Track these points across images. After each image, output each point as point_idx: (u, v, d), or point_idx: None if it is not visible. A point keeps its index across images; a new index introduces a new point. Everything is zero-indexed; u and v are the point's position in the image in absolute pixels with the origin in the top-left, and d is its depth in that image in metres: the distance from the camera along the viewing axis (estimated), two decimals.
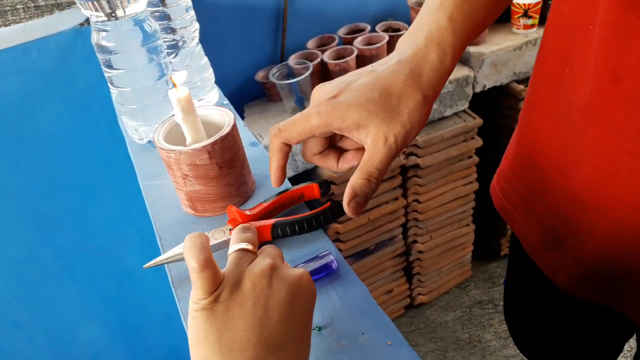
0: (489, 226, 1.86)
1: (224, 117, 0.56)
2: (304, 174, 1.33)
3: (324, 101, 0.44)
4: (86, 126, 1.15)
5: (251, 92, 1.44)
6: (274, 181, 0.49)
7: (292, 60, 1.35)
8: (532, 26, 1.42)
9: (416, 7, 1.41)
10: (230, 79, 1.40)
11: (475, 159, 1.55)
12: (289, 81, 1.25)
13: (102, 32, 0.63)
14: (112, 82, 0.67)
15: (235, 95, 1.41)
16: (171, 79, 0.52)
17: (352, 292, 0.46)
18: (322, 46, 1.41)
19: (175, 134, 0.56)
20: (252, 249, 0.38)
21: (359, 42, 1.35)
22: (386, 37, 1.33)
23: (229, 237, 0.50)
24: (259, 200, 0.57)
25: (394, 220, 1.54)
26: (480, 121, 1.46)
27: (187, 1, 0.73)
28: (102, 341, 1.40)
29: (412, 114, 0.43)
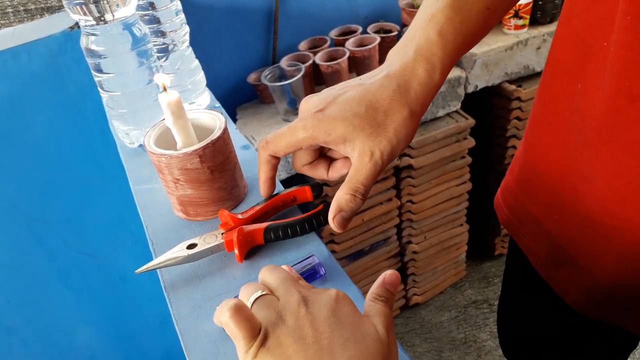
0: (482, 226, 1.87)
1: (215, 121, 0.56)
2: (298, 176, 1.33)
3: (311, 114, 0.44)
4: (78, 130, 1.14)
5: (243, 94, 1.44)
6: (263, 192, 0.51)
7: (284, 62, 1.35)
8: (522, 27, 1.43)
9: (407, 9, 1.42)
10: (222, 81, 1.40)
11: (468, 159, 1.55)
12: (281, 83, 1.25)
13: (91, 36, 0.62)
14: (102, 86, 0.67)
15: (227, 97, 1.41)
16: (162, 85, 0.52)
17: None
18: (314, 48, 1.41)
19: (166, 138, 0.56)
20: (267, 292, 0.37)
21: (350, 43, 1.35)
22: (378, 38, 1.33)
23: (221, 241, 0.50)
24: (251, 203, 0.56)
25: (388, 221, 1.55)
26: (472, 121, 1.46)
27: (177, 4, 0.73)
28: (96, 345, 1.39)
29: (399, 130, 0.43)
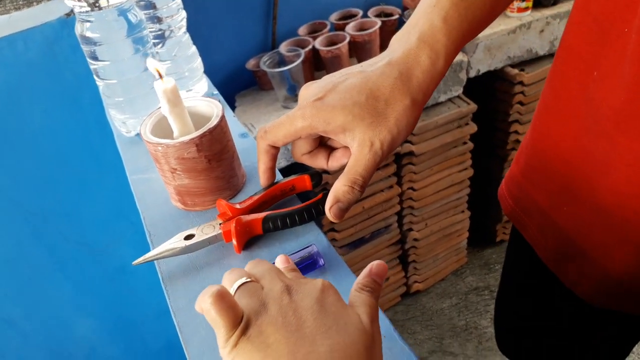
0: (484, 212, 1.86)
1: (212, 108, 0.55)
2: (297, 164, 1.32)
3: (310, 103, 0.43)
4: (74, 119, 1.13)
5: (242, 81, 1.42)
6: (263, 182, 0.51)
7: (283, 47, 1.32)
8: (525, 9, 1.40)
9: None
10: (220, 67, 1.38)
11: (470, 145, 1.54)
12: (280, 69, 1.23)
13: (86, 23, 0.61)
14: (97, 74, 0.65)
15: (225, 84, 1.39)
16: (157, 71, 0.51)
17: (343, 285, 0.45)
18: (314, 32, 1.39)
19: (162, 127, 0.55)
20: (252, 280, 0.35)
21: (351, 27, 1.33)
22: (378, 22, 1.31)
23: (219, 231, 0.49)
24: (250, 193, 0.55)
25: (389, 208, 1.54)
26: (474, 107, 1.44)
27: None
28: (96, 336, 1.39)
29: (400, 119, 0.42)
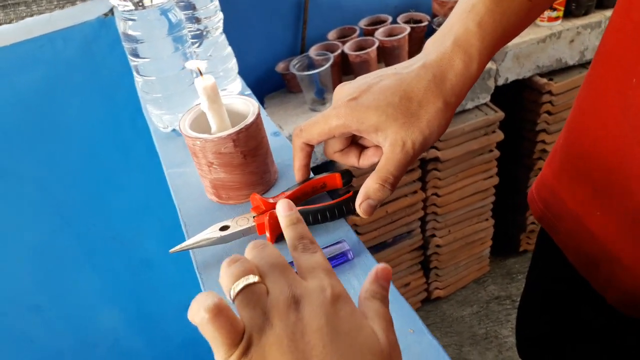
0: (508, 221, 1.84)
1: (248, 106, 0.57)
2: (322, 166, 1.34)
3: (344, 102, 0.44)
4: (109, 115, 1.17)
5: (271, 83, 1.45)
6: (298, 178, 0.53)
7: (312, 51, 1.35)
8: (556, 19, 1.40)
9: None
10: (250, 69, 1.40)
11: (496, 153, 1.53)
12: (309, 72, 1.25)
13: (128, 21, 0.64)
14: (137, 70, 0.68)
15: (255, 86, 1.41)
16: (198, 69, 0.53)
17: None
18: (343, 37, 1.41)
19: (200, 123, 0.57)
20: (257, 280, 0.29)
21: (380, 33, 1.35)
22: (408, 28, 1.32)
23: (253, 224, 0.51)
24: (282, 189, 0.57)
25: (413, 213, 1.54)
26: (501, 115, 1.44)
27: None
28: (120, 327, 1.42)
29: (432, 121, 0.43)
